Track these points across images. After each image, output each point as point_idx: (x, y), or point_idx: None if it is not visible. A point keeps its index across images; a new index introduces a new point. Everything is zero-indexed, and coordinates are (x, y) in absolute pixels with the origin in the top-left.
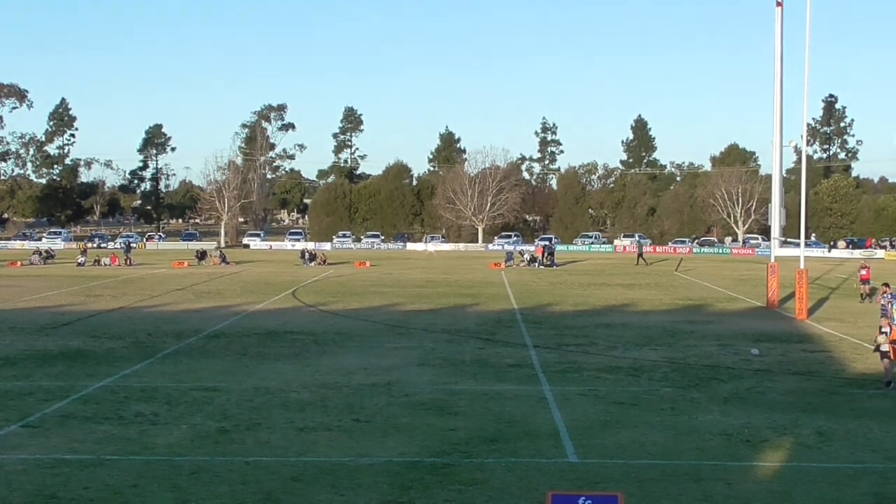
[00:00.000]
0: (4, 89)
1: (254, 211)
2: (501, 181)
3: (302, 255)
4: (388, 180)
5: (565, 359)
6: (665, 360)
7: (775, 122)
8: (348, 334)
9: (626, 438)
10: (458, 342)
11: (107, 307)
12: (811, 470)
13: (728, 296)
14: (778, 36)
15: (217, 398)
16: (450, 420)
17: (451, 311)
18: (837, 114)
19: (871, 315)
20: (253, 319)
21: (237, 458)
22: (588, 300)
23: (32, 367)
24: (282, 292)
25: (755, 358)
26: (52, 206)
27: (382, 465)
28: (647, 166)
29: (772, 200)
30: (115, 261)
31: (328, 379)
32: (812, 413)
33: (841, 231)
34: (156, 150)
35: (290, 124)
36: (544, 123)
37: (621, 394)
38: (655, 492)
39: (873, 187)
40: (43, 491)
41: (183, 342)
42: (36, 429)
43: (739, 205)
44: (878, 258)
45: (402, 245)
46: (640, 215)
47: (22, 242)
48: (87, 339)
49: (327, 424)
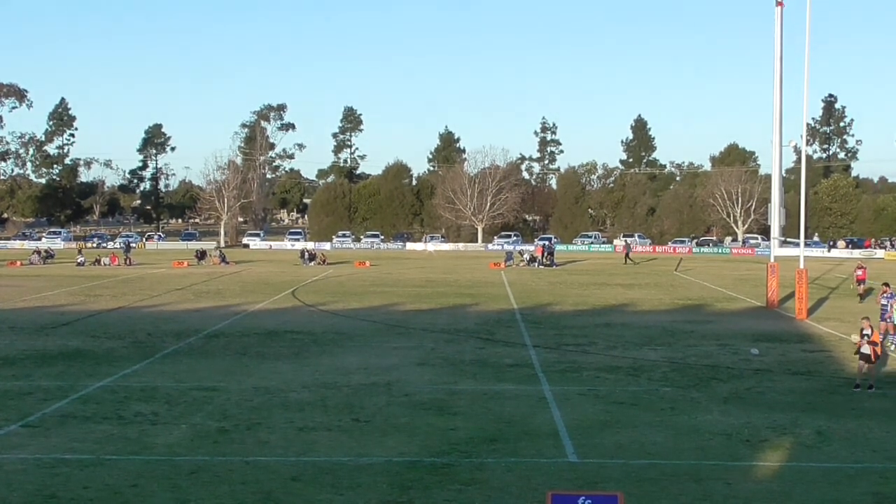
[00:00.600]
0: (4, 89)
1: (253, 211)
2: (501, 181)
3: (302, 255)
4: (388, 180)
5: (565, 358)
6: (665, 360)
7: (775, 122)
8: (348, 334)
9: (625, 438)
10: (458, 342)
11: (106, 307)
12: (811, 470)
13: (728, 295)
14: (778, 36)
15: (217, 398)
16: (449, 420)
17: (450, 311)
18: (837, 113)
19: (870, 315)
20: (253, 319)
21: (237, 457)
22: (588, 300)
23: (32, 366)
24: (281, 292)
25: (755, 358)
26: (52, 205)
27: (382, 465)
28: (646, 166)
29: (771, 200)
30: (114, 260)
31: (328, 379)
32: (812, 413)
33: (840, 231)
34: (155, 149)
35: (290, 124)
36: (544, 123)
37: (621, 393)
38: (655, 491)
39: (873, 187)
40: (42, 490)
41: (183, 342)
42: (35, 428)
43: (739, 204)
44: (878, 258)
45: (402, 245)
46: (639, 215)
47: (22, 242)
48: (86, 339)
49: (327, 424)
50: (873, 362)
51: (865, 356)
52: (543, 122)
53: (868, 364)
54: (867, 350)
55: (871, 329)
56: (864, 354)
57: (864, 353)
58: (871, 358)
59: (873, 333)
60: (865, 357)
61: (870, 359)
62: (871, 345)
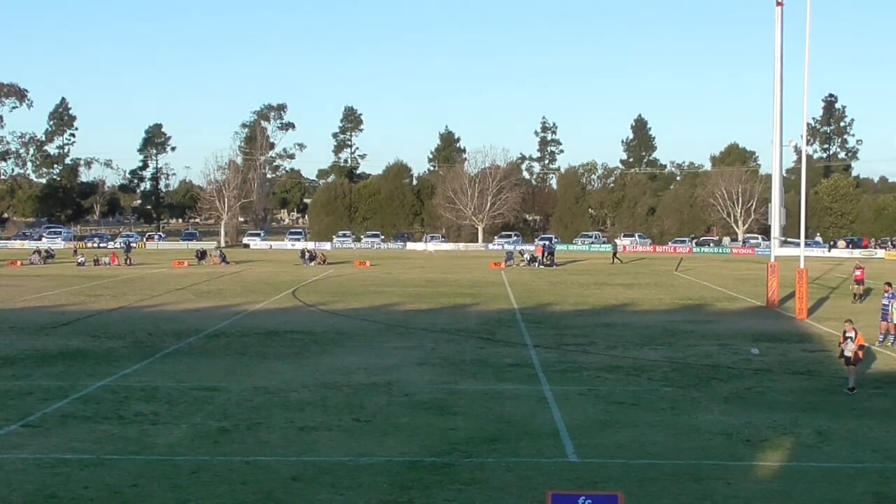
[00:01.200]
0: (4, 89)
1: (254, 210)
2: (501, 181)
3: (302, 255)
4: (388, 180)
5: (565, 358)
6: (665, 360)
7: (775, 122)
8: (348, 334)
9: (626, 438)
10: (459, 342)
11: (107, 307)
12: (811, 469)
13: (728, 295)
14: (778, 35)
15: (217, 398)
16: (450, 420)
17: (451, 311)
18: (837, 113)
19: (871, 315)
20: (253, 319)
21: (237, 457)
22: (588, 300)
23: (32, 366)
24: (282, 292)
25: (755, 357)
26: (52, 205)
27: (382, 465)
28: (647, 166)
29: (772, 200)
30: (115, 260)
31: (328, 378)
32: (812, 413)
33: (841, 231)
34: (156, 149)
35: (290, 124)
36: (544, 123)
37: (621, 393)
38: (655, 491)
39: (873, 187)
40: (43, 490)
41: (183, 342)
42: (36, 428)
43: (739, 204)
44: (879, 258)
45: (402, 245)
46: (639, 215)
47: (22, 242)
48: (86, 339)
49: (327, 424)
50: (855, 365)
51: (847, 358)
52: (543, 121)
53: (850, 366)
54: (849, 352)
55: (854, 332)
56: (846, 357)
57: (846, 356)
58: (852, 360)
59: (857, 336)
60: (847, 360)
61: (851, 361)
62: (859, 348)
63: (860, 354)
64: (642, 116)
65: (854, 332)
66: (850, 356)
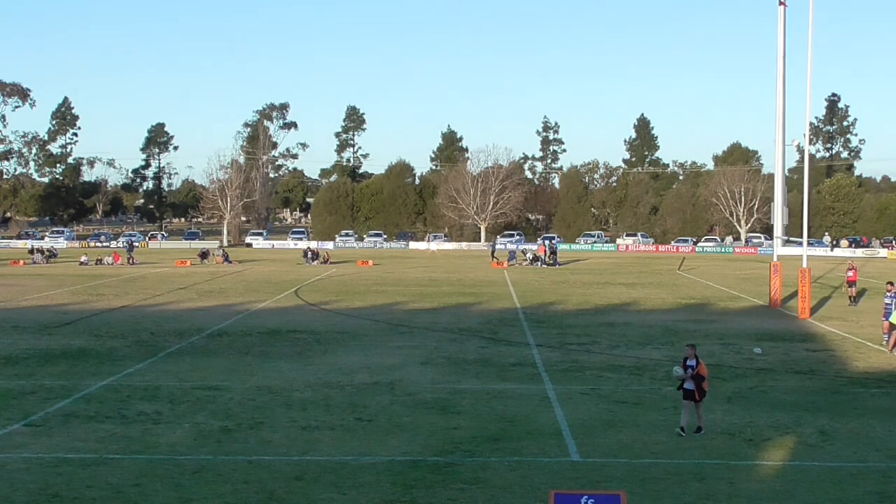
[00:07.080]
0: (7, 88)
1: (256, 210)
2: (504, 180)
3: (305, 254)
4: (391, 179)
5: (568, 358)
6: (668, 359)
7: (778, 121)
8: (351, 333)
9: (628, 437)
10: (461, 341)
11: (109, 306)
12: (814, 469)
13: (730, 294)
14: (781, 35)
15: (220, 397)
16: (452, 419)
17: (453, 310)
18: (840, 113)
19: (872, 314)
20: (255, 318)
21: (240, 457)
22: (590, 299)
23: (35, 366)
24: (284, 291)
25: (758, 357)
26: (55, 205)
27: (385, 464)
28: (649, 165)
29: (774, 199)
30: (117, 259)
31: (331, 378)
32: (815, 412)
33: (843, 230)
34: (158, 148)
35: (293, 123)
36: (546, 122)
37: (624, 393)
38: (658, 490)
39: (876, 186)
40: (46, 490)
41: (185, 341)
42: (39, 428)
43: (742, 204)
44: (881, 257)
45: (405, 244)
46: (642, 214)
47: (24, 241)
48: (89, 338)
49: (330, 423)
50: (698, 401)
51: (689, 393)
52: (546, 121)
53: (692, 402)
54: (690, 386)
55: (696, 360)
56: (687, 391)
57: (687, 390)
58: (695, 396)
59: (699, 366)
60: (689, 394)
61: (694, 396)
62: (694, 379)
63: (705, 387)
64: (645, 116)
65: (696, 360)
66: (692, 390)
